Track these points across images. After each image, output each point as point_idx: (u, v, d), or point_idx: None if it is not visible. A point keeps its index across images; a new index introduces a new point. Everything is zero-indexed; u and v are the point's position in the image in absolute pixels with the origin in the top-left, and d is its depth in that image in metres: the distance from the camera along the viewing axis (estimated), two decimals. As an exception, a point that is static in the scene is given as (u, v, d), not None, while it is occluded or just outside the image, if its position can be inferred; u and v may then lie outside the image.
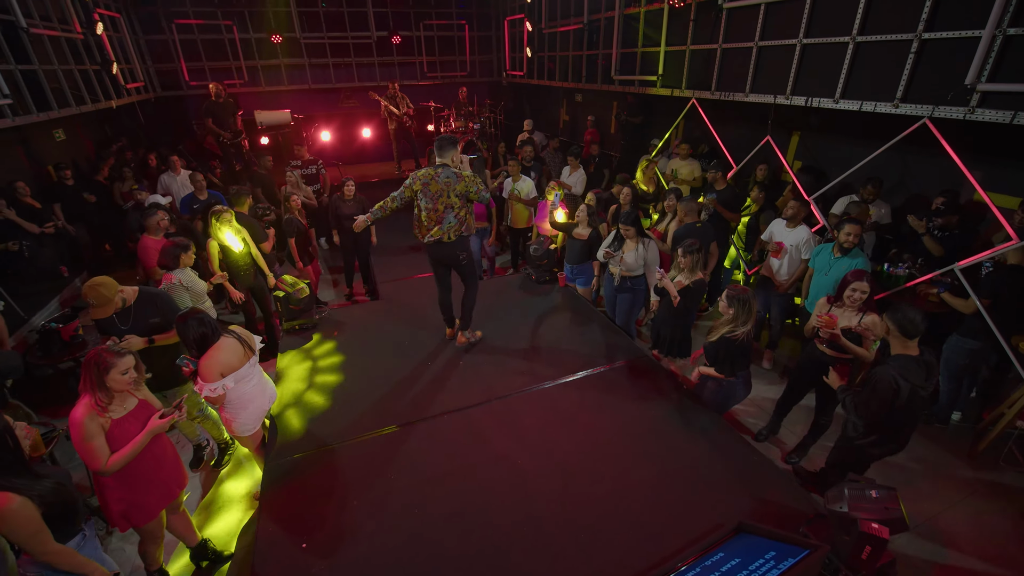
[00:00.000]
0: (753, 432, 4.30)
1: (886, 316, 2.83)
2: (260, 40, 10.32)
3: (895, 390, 2.67)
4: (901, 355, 2.78)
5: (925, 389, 2.71)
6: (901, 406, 2.71)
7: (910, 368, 2.69)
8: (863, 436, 2.96)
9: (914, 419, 2.89)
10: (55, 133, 7.54)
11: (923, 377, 2.70)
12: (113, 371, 2.38)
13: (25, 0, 5.93)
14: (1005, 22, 3.32)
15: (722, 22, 5.45)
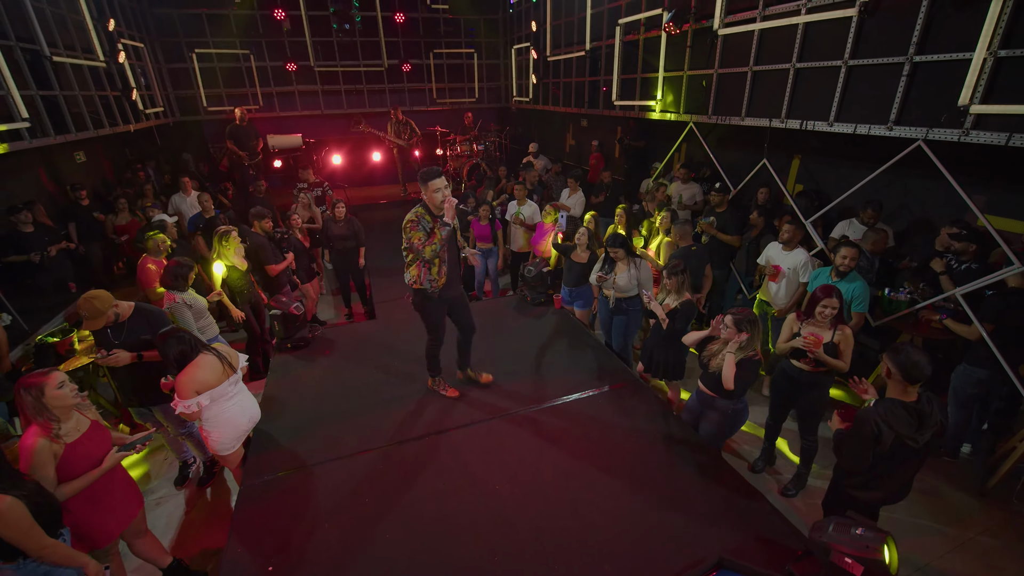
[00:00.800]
0: (749, 461, 4.14)
1: (887, 357, 2.58)
2: (276, 68, 10.71)
3: (876, 435, 2.45)
4: (891, 399, 2.54)
5: (916, 440, 2.43)
6: (884, 452, 2.47)
7: (896, 414, 2.46)
8: (847, 479, 2.76)
9: (905, 469, 2.63)
10: (76, 155, 7.85)
11: (913, 427, 2.44)
12: (47, 388, 2.34)
13: (51, 30, 6.25)
14: (995, 44, 3.28)
15: (717, 48, 5.49)
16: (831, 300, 3.22)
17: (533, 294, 5.65)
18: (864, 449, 2.50)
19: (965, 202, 4.47)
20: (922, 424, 2.47)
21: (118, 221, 6.90)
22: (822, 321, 3.29)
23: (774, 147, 6.04)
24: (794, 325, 3.48)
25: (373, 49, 11.21)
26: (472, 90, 12.38)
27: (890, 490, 2.71)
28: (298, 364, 4.65)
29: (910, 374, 2.46)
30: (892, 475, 2.63)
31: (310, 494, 3.17)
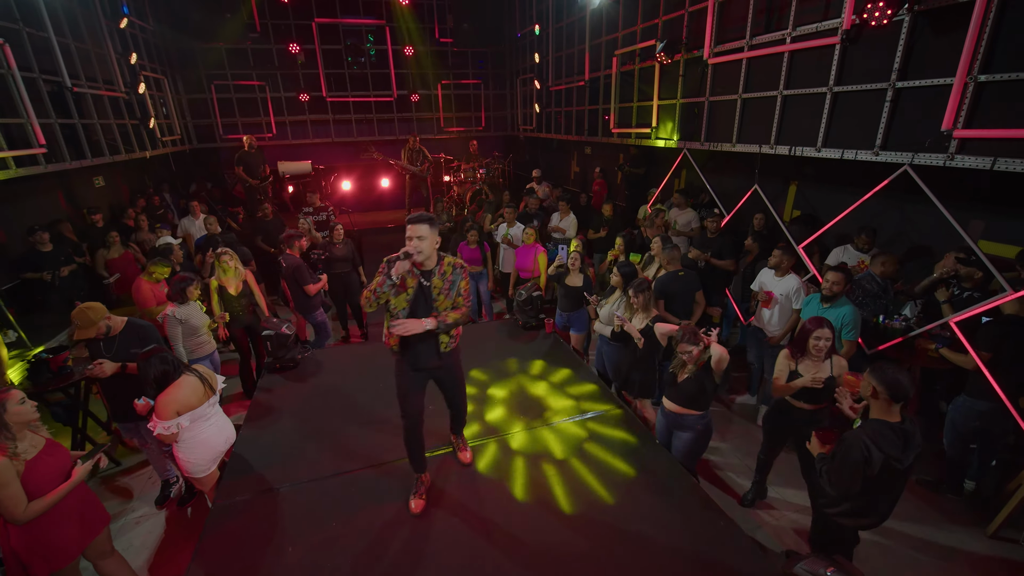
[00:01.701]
0: (739, 495, 3.99)
1: (870, 375, 2.54)
2: (289, 98, 11.15)
3: (866, 458, 2.39)
4: (877, 420, 2.51)
5: (901, 462, 2.39)
6: (872, 476, 2.41)
7: (885, 435, 2.41)
8: (834, 505, 2.68)
9: (891, 492, 2.58)
10: (95, 180, 8.19)
11: (899, 448, 2.40)
12: (9, 404, 2.36)
13: (75, 63, 6.63)
14: (975, 69, 3.26)
15: (708, 77, 5.56)
16: (823, 331, 3.11)
17: (524, 318, 5.62)
18: (855, 474, 2.43)
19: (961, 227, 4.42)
20: (907, 445, 2.44)
21: (110, 255, 6.31)
22: (817, 355, 3.18)
23: (771, 173, 6.04)
24: (790, 363, 3.36)
25: (383, 80, 11.62)
26: (479, 119, 12.69)
27: (879, 515, 2.65)
28: (285, 384, 4.67)
29: (897, 393, 2.42)
30: (879, 499, 2.57)
31: (280, 516, 3.13)
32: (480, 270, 6.65)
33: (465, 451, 3.51)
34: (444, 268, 2.84)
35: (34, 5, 5.93)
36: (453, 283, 2.86)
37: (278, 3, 10.58)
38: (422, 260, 2.73)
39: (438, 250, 2.85)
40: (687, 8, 5.74)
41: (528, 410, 4.09)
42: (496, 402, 4.22)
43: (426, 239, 2.68)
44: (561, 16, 9.08)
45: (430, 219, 2.72)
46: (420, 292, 2.81)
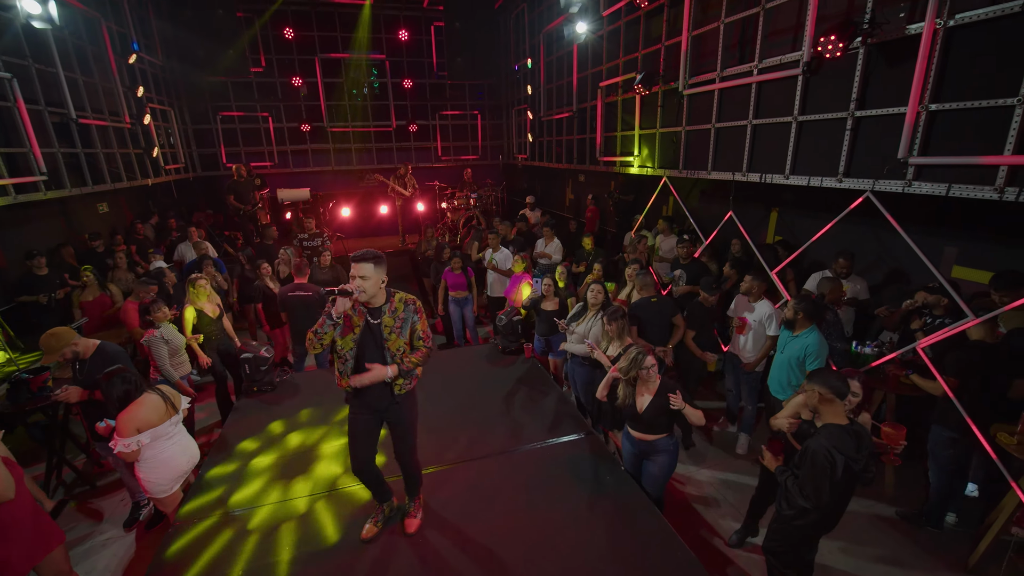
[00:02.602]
0: (711, 525, 3.89)
1: (811, 382, 2.65)
2: (291, 128, 11.54)
3: (831, 463, 2.47)
4: (831, 425, 2.59)
5: (857, 462, 2.51)
6: (837, 480, 2.49)
7: (841, 438, 2.52)
8: (802, 516, 2.68)
9: (848, 494, 2.66)
10: (99, 206, 8.45)
11: (854, 447, 2.51)
12: None
13: (81, 95, 6.95)
14: (926, 99, 3.33)
15: (684, 107, 5.70)
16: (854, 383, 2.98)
17: (504, 343, 5.64)
18: (823, 482, 2.49)
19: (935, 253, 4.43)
20: (860, 445, 2.53)
21: (83, 296, 5.70)
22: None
23: (752, 200, 6.11)
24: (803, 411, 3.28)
25: (383, 112, 12.01)
26: (476, 148, 13.00)
27: (835, 519, 2.74)
28: (260, 408, 4.70)
29: (840, 391, 2.56)
30: (838, 503, 2.65)
31: (236, 539, 3.12)
32: (465, 295, 6.72)
33: (413, 518, 3.12)
34: (395, 305, 2.73)
35: (45, 43, 6.27)
36: (405, 321, 2.74)
37: (283, 40, 11.07)
38: (366, 299, 2.64)
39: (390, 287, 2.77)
40: (663, 42, 5.93)
41: (495, 436, 4.07)
42: (463, 426, 4.20)
43: (369, 279, 2.58)
44: (551, 50, 9.41)
45: (375, 257, 2.62)
46: (368, 332, 2.70)
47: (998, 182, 3.02)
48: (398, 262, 9.59)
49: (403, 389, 2.82)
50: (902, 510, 3.95)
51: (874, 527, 3.87)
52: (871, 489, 4.19)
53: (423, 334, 2.81)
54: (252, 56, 10.95)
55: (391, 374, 2.67)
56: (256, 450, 4.03)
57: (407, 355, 2.75)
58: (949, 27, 3.18)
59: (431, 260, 7.50)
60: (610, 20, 7.14)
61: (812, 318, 3.64)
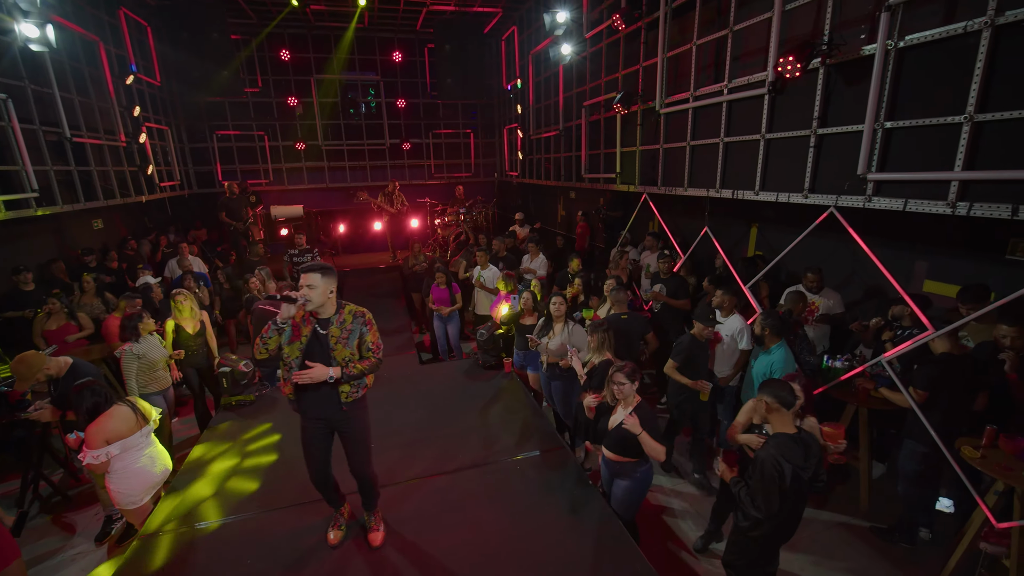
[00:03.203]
0: (681, 541, 3.87)
1: (762, 391, 2.72)
2: (287, 146, 11.76)
3: (780, 472, 2.50)
4: (779, 434, 2.64)
5: (806, 470, 2.54)
6: (786, 489, 2.51)
7: (788, 447, 2.56)
8: (756, 527, 2.70)
9: (800, 503, 2.67)
10: (94, 222, 8.57)
11: (801, 456, 2.54)
12: None
13: (76, 115, 7.12)
14: (882, 116, 3.42)
15: (661, 126, 5.82)
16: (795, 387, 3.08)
17: (485, 357, 5.67)
18: (774, 490, 2.51)
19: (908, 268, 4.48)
20: (808, 453, 2.56)
21: (48, 326, 5.29)
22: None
23: (733, 216, 6.19)
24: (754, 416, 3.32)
25: (377, 129, 12.23)
26: (468, 165, 13.20)
27: (792, 529, 2.76)
28: (237, 421, 4.72)
29: (787, 400, 2.60)
30: (792, 512, 2.67)
31: (201, 551, 3.12)
32: (449, 311, 6.76)
33: (376, 532, 3.13)
34: (344, 317, 2.79)
35: (42, 64, 6.46)
36: (353, 332, 2.79)
37: (279, 61, 11.35)
38: (313, 308, 2.71)
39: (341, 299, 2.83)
40: (641, 63, 6.09)
41: (466, 449, 4.07)
42: (435, 440, 4.21)
43: (316, 288, 2.65)
44: (540, 71, 9.63)
45: (323, 268, 2.70)
46: (315, 340, 2.73)
47: (950, 197, 3.08)
48: (388, 277, 9.67)
49: (350, 397, 2.83)
50: (875, 525, 3.93)
51: (846, 542, 3.84)
52: (847, 503, 4.18)
53: (373, 345, 2.86)
54: (249, 77, 11.22)
55: (333, 375, 2.70)
56: (229, 463, 4.04)
57: (354, 363, 2.79)
58: (900, 48, 3.29)
59: (420, 275, 7.58)
60: (592, 42, 7.33)
61: (780, 334, 3.68)
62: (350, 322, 2.79)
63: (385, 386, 4.63)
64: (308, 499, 3.54)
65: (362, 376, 2.84)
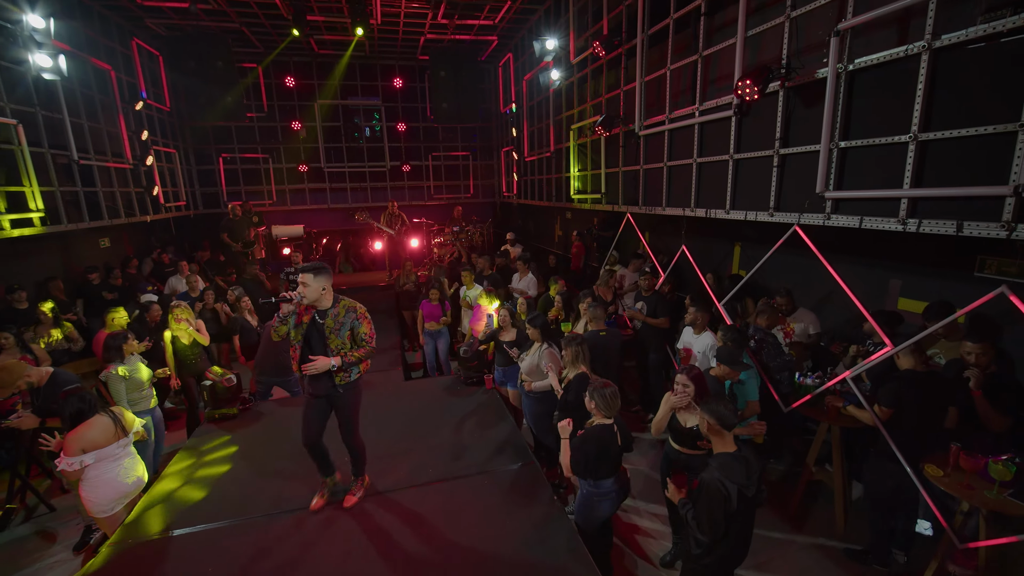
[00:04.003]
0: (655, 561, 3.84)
1: (701, 410, 2.72)
2: (290, 168, 12.14)
3: (725, 495, 2.48)
4: (721, 454, 2.64)
5: (749, 489, 2.53)
6: (733, 511, 2.50)
7: (731, 467, 2.55)
8: (708, 553, 2.66)
9: (748, 523, 2.66)
10: (101, 241, 8.88)
11: (744, 475, 2.54)
12: None
13: (85, 138, 7.47)
14: (836, 136, 3.51)
15: (641, 147, 5.96)
16: (680, 377, 3.21)
17: (467, 374, 5.72)
18: (719, 514, 2.50)
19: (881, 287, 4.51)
20: (749, 471, 2.56)
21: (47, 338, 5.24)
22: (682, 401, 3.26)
23: (718, 235, 6.27)
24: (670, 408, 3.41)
25: (378, 153, 12.59)
26: (467, 187, 13.47)
27: (744, 550, 2.74)
28: (218, 434, 4.80)
29: (725, 421, 2.60)
30: (741, 533, 2.65)
31: (163, 561, 3.17)
32: (439, 328, 6.86)
33: (352, 496, 3.64)
34: (338, 310, 3.29)
35: (54, 91, 6.82)
36: (344, 324, 3.29)
37: (284, 87, 11.80)
38: (309, 302, 3.24)
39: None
40: (622, 87, 6.27)
41: (436, 464, 4.10)
42: (406, 455, 4.25)
43: (309, 285, 3.18)
44: (533, 95, 9.91)
45: (315, 268, 3.23)
46: (313, 327, 3.28)
47: (901, 214, 3.14)
48: (383, 296, 9.81)
49: (343, 380, 3.33)
50: (850, 547, 3.87)
51: (820, 565, 3.78)
52: (823, 525, 4.12)
53: (367, 336, 3.36)
54: (255, 102, 11.67)
55: (335, 364, 3.21)
56: (204, 473, 4.11)
57: (350, 351, 3.29)
58: (850, 71, 3.39)
59: (411, 294, 7.71)
60: (579, 68, 7.57)
61: (740, 347, 3.71)
62: (343, 315, 3.28)
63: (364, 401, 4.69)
64: (276, 511, 3.60)
65: (358, 363, 3.35)
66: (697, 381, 3.23)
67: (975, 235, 2.77)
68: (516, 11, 9.01)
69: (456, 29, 9.93)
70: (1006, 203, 2.62)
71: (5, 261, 6.48)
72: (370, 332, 3.38)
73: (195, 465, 4.26)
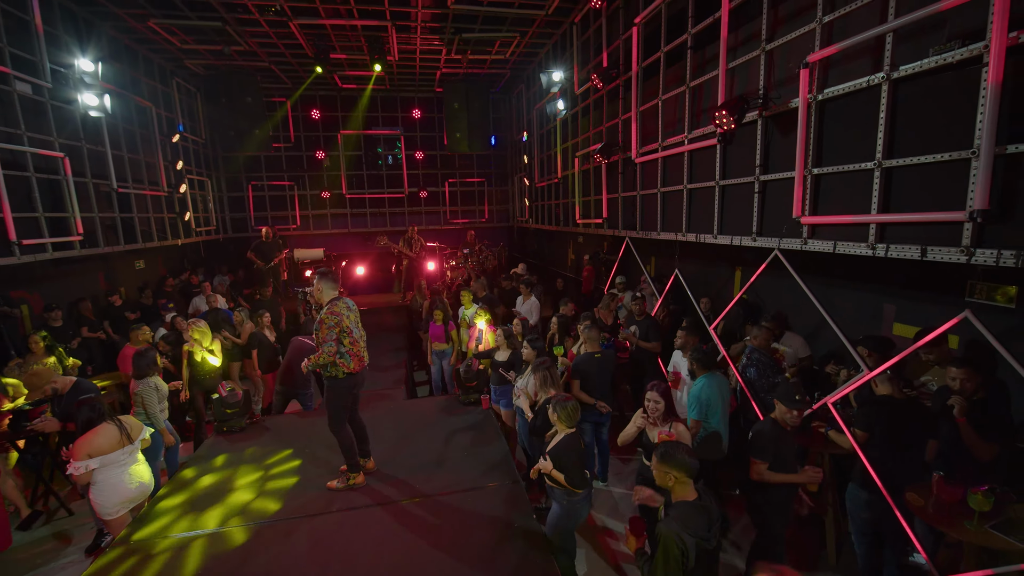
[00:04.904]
0: None
1: (658, 457, 2.54)
2: (314, 195, 12.78)
3: (684, 551, 2.30)
4: (680, 504, 2.47)
5: (709, 541, 2.37)
6: (691, 568, 2.31)
7: (691, 517, 2.39)
8: None
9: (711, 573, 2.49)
10: (136, 263, 9.51)
11: (705, 527, 2.38)
12: None
13: (124, 169, 8.11)
14: (810, 163, 3.59)
15: (638, 173, 6.12)
16: (651, 394, 3.27)
17: (464, 394, 5.84)
18: (675, 571, 2.32)
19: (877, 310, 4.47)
20: (710, 521, 2.42)
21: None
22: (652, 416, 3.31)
23: (718, 259, 6.30)
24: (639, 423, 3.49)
25: (396, 179, 13.15)
26: (483, 212, 13.85)
27: None
28: (226, 446, 5.03)
29: (688, 470, 2.45)
30: None
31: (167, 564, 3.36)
32: (445, 348, 7.04)
33: (331, 481, 4.06)
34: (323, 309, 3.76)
35: (98, 126, 7.48)
36: (317, 323, 3.76)
37: (310, 119, 12.53)
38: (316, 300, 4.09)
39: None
40: (620, 117, 6.48)
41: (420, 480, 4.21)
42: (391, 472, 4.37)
43: (314, 285, 3.92)
44: (542, 124, 10.26)
45: (320, 272, 3.88)
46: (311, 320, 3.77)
47: (870, 239, 3.18)
48: (395, 317, 10.10)
49: (328, 374, 3.83)
50: (839, 578, 3.77)
51: (808, 597, 3.69)
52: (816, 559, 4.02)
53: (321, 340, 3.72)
54: (283, 133, 12.41)
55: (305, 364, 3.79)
56: (209, 483, 4.32)
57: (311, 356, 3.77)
58: (820, 100, 3.50)
59: (421, 315, 7.94)
60: (582, 98, 7.85)
61: (706, 367, 3.76)
62: (321, 315, 3.72)
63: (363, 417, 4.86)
64: (268, 520, 3.77)
65: (316, 365, 3.73)
66: (667, 397, 3.28)
67: (938, 260, 2.79)
68: (526, 46, 9.42)
69: (470, 63, 10.41)
70: (964, 228, 2.65)
71: (48, 281, 7.05)
72: (323, 337, 3.68)
73: (199, 474, 4.48)
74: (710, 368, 3.83)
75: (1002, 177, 2.50)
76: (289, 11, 7.59)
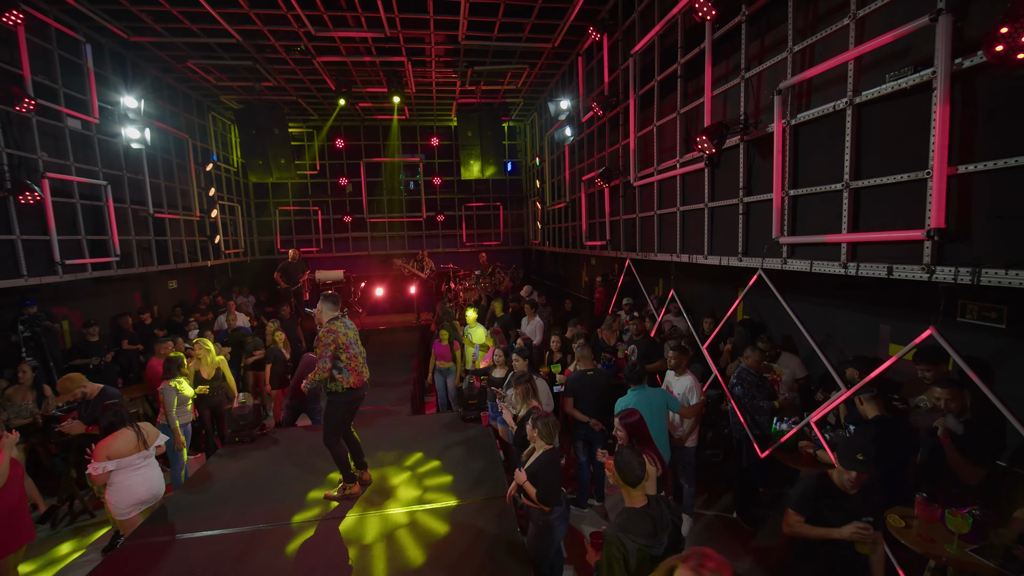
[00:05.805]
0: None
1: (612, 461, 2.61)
2: (336, 219, 13.37)
3: (624, 554, 2.31)
4: (626, 509, 2.50)
5: (654, 548, 2.34)
6: (633, 570, 2.30)
7: (632, 523, 2.39)
8: None
9: None
10: (169, 283, 10.12)
11: (649, 533, 2.36)
12: None
13: (161, 195, 8.74)
14: (786, 185, 3.69)
15: (636, 196, 6.27)
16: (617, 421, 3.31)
17: (465, 411, 5.98)
18: (618, 571, 2.33)
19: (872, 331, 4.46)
20: (656, 527, 2.41)
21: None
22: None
23: (722, 280, 6.34)
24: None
25: (415, 205, 13.66)
26: (498, 235, 14.18)
27: None
28: (238, 454, 5.30)
29: (625, 476, 2.50)
30: None
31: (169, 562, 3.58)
32: (449, 366, 7.23)
33: (331, 492, 4.26)
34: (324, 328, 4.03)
35: (138, 157, 8.14)
36: (320, 340, 3.98)
37: (334, 148, 13.23)
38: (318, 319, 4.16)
39: None
40: (620, 142, 6.69)
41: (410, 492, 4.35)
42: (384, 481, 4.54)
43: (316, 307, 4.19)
44: (553, 150, 10.57)
45: (323, 296, 4.15)
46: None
47: (842, 258, 3.24)
48: (408, 336, 10.38)
49: (330, 389, 4.07)
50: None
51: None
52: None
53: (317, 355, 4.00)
54: (309, 161, 13.11)
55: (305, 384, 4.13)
56: (219, 489, 4.57)
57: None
58: (793, 125, 3.62)
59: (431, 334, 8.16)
60: (587, 125, 8.11)
61: (632, 382, 4.13)
62: (319, 333, 3.99)
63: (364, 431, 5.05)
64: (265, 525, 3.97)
65: (314, 383, 4.02)
66: (631, 428, 3.22)
67: (903, 277, 2.84)
68: (536, 76, 9.82)
69: (483, 94, 10.87)
70: (924, 247, 2.71)
71: (88, 299, 7.60)
72: (319, 354, 3.94)
73: (209, 481, 4.74)
74: (640, 382, 4.11)
75: (956, 197, 2.57)
76: (313, 50, 8.18)
